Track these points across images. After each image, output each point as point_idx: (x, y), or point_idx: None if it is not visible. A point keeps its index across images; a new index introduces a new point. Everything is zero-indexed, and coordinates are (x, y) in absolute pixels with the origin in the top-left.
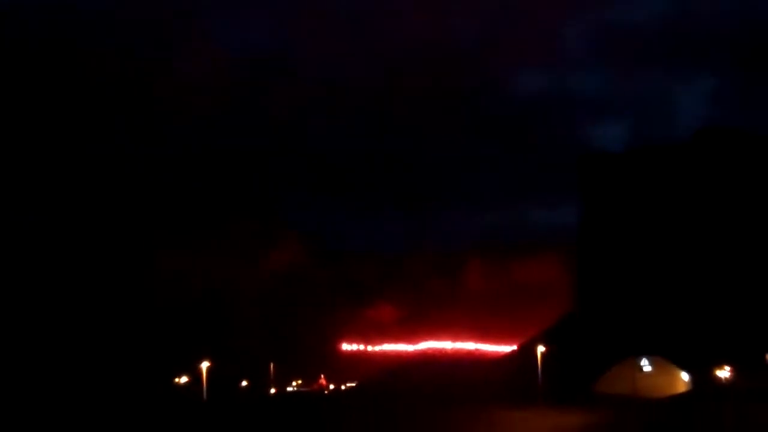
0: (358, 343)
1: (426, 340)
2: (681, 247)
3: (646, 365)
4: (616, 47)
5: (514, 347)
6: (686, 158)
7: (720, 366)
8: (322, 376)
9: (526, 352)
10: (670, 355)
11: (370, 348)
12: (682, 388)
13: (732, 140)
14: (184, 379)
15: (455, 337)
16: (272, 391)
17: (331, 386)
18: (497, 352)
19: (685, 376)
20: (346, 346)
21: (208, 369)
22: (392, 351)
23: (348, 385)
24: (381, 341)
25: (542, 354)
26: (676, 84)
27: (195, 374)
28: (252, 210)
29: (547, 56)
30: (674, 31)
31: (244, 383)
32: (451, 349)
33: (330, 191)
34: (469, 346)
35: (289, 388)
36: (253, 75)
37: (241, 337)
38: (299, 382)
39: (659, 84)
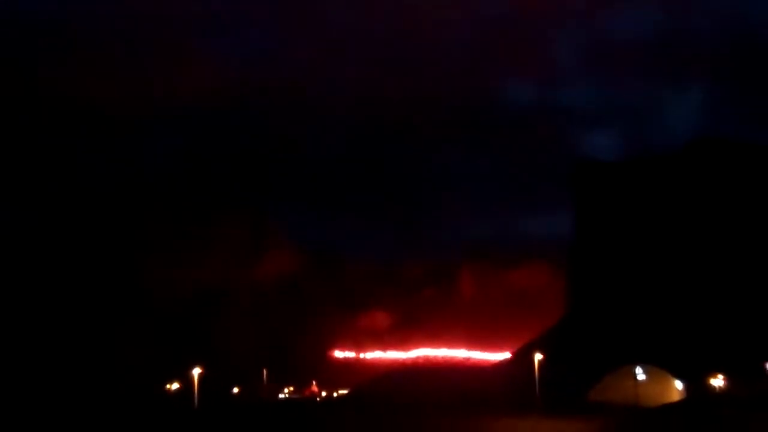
0: (351, 350)
1: (419, 347)
2: (674, 255)
3: (640, 374)
4: (607, 58)
5: (508, 355)
6: (679, 168)
7: (714, 374)
8: (314, 383)
9: (520, 359)
10: (663, 364)
11: (362, 355)
12: (676, 397)
13: (724, 150)
14: (175, 386)
15: (448, 345)
16: (261, 399)
17: (323, 393)
18: (490, 360)
19: (679, 384)
20: (338, 353)
21: (200, 376)
22: (385, 358)
23: (340, 392)
24: (374, 348)
25: (539, 363)
26: (668, 95)
27: (186, 381)
28: (245, 217)
29: (540, 67)
30: (666, 42)
31: (236, 390)
32: (445, 356)
33: (324, 199)
34: (462, 353)
35: (281, 395)
36: (248, 82)
37: (232, 343)
38: (291, 389)
39: (651, 95)
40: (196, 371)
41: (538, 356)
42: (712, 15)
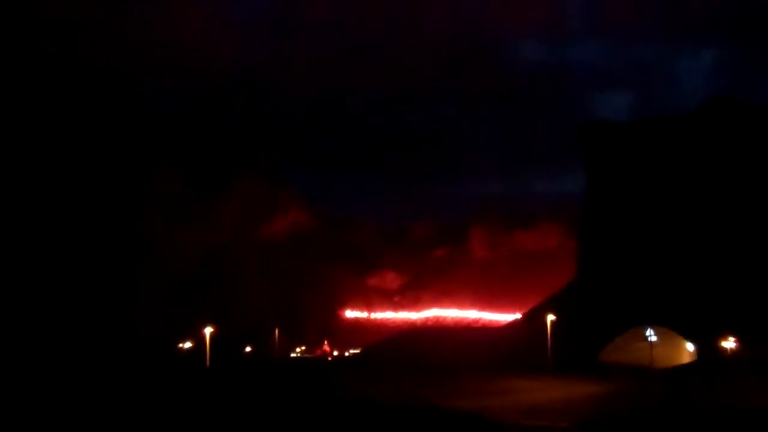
0: (361, 310)
1: (429, 307)
2: (686, 216)
3: (651, 335)
4: (618, 18)
5: (518, 315)
6: (691, 128)
7: (725, 336)
8: (326, 342)
9: (531, 320)
10: (674, 326)
11: (373, 315)
12: (687, 359)
13: (738, 111)
14: (188, 345)
15: (458, 305)
16: (273, 357)
17: (335, 353)
18: (501, 321)
19: (690, 346)
20: (349, 313)
21: (212, 335)
22: (395, 319)
23: (351, 352)
24: (384, 308)
25: (552, 323)
26: (680, 54)
27: (198, 340)
28: (257, 176)
29: (549, 26)
30: (678, 1)
31: (248, 349)
32: (455, 316)
33: (334, 159)
34: (473, 314)
35: (293, 355)
36: (259, 41)
37: (244, 302)
38: (303, 348)
39: (661, 55)
40: (208, 330)
41: (550, 317)
42: None
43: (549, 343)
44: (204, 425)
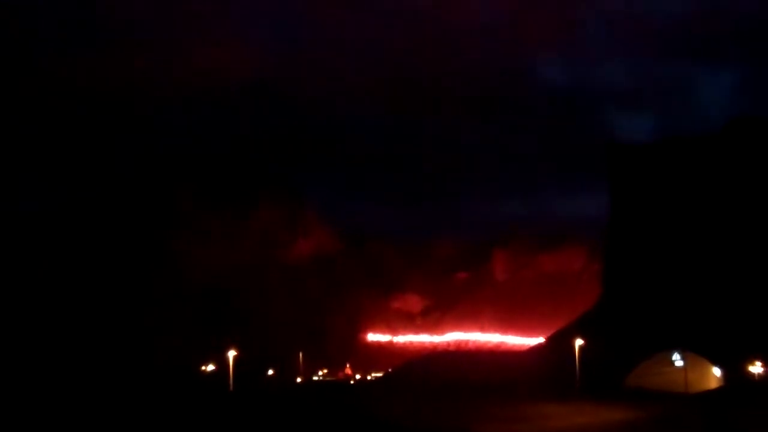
0: (384, 333)
1: (452, 330)
2: (712, 238)
3: (677, 360)
4: (641, 38)
5: (541, 339)
6: (717, 148)
7: (752, 361)
8: (348, 365)
9: (556, 344)
10: (701, 349)
11: (395, 339)
12: (714, 384)
13: (763, 130)
14: (210, 368)
15: (481, 328)
16: (298, 380)
17: (357, 376)
18: (524, 344)
19: (716, 371)
20: (371, 336)
21: (235, 358)
22: (417, 342)
23: (374, 375)
24: (406, 332)
25: (579, 347)
26: (704, 74)
27: (221, 362)
28: (280, 197)
29: (572, 47)
30: (700, 21)
31: (270, 372)
32: (478, 340)
33: (358, 179)
34: (495, 337)
35: (315, 378)
36: (273, 59)
37: (267, 325)
38: (325, 371)
39: (685, 75)
40: (231, 353)
41: (579, 341)
42: None
43: (577, 368)
44: None
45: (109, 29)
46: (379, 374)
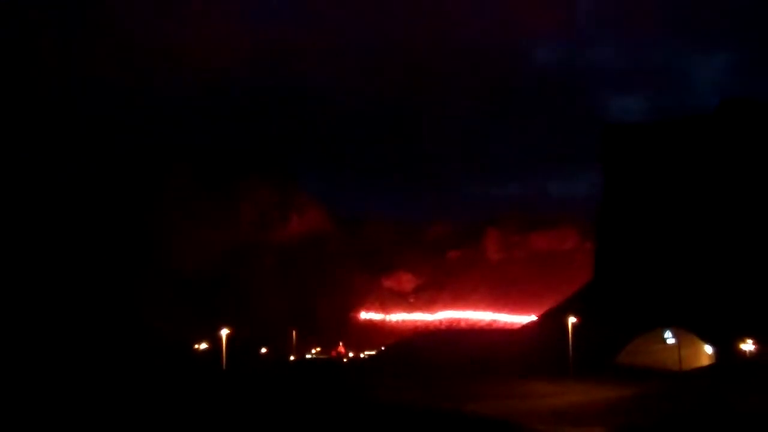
0: (377, 311)
1: (444, 309)
2: (705, 218)
3: (669, 338)
4: (634, 19)
5: (534, 317)
6: (710, 129)
7: (743, 339)
8: (341, 344)
9: (548, 322)
10: (693, 327)
11: (387, 317)
12: (706, 361)
13: (756, 111)
14: (203, 346)
15: (474, 307)
16: (291, 358)
17: (350, 354)
18: (517, 323)
19: (708, 348)
20: (364, 315)
21: (227, 336)
22: (410, 320)
23: (367, 353)
24: (398, 310)
25: (572, 325)
26: (696, 55)
27: (214, 341)
28: (271, 177)
29: (566, 27)
30: (694, 1)
31: (263, 350)
32: (470, 318)
33: (349, 159)
34: (488, 315)
35: (308, 356)
36: (274, 37)
37: (259, 304)
38: (318, 349)
39: (678, 56)
40: (224, 332)
41: (571, 319)
42: None
43: (570, 346)
44: (220, 427)
45: (101, 18)
46: (372, 352)
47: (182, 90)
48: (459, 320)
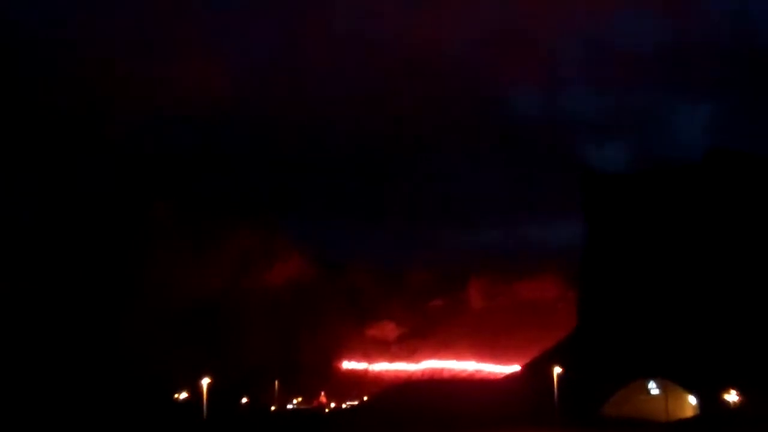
0: (359, 360)
1: (427, 358)
2: (688, 268)
3: (653, 388)
4: (616, 68)
5: (517, 367)
6: (693, 180)
7: (727, 389)
8: (323, 393)
9: (532, 372)
10: (677, 378)
11: (370, 367)
12: (690, 412)
13: (739, 162)
14: (183, 395)
15: (457, 356)
16: (272, 408)
17: (332, 404)
18: (500, 372)
19: (692, 399)
20: (346, 364)
21: (209, 386)
22: (393, 370)
23: (349, 403)
24: (382, 359)
25: (558, 375)
26: (677, 106)
27: (195, 390)
28: (254, 223)
29: (547, 77)
30: (674, 53)
31: (244, 400)
32: (453, 368)
33: (331, 207)
34: (471, 365)
35: (289, 406)
36: (251, 85)
37: (241, 352)
38: (299, 399)
39: (659, 106)
40: (206, 381)
41: (556, 369)
42: (721, 25)
43: (556, 396)
44: None
45: (85, 43)
46: (354, 402)
47: (164, 132)
48: (442, 370)
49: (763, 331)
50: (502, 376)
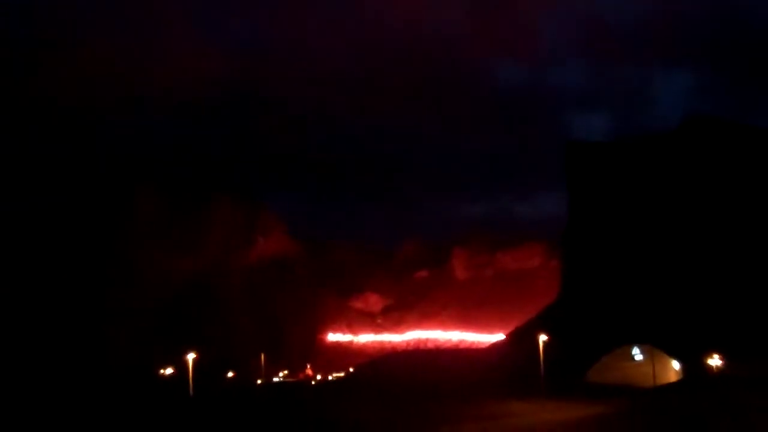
0: (345, 333)
1: (412, 329)
2: (670, 235)
3: (637, 354)
4: (598, 40)
5: (502, 336)
6: (672, 147)
7: (710, 354)
8: (309, 366)
9: (516, 341)
10: (660, 344)
11: (355, 338)
12: (673, 377)
13: (718, 129)
14: (169, 371)
15: (442, 326)
16: (259, 382)
17: (318, 376)
18: (485, 342)
19: (676, 364)
20: (332, 337)
21: (194, 361)
22: (378, 341)
23: (335, 375)
24: (367, 331)
25: (543, 343)
26: (659, 76)
27: (181, 366)
28: (238, 201)
29: (529, 49)
30: (657, 23)
31: (230, 374)
32: (438, 338)
33: (316, 182)
34: (456, 335)
35: (276, 379)
36: (240, 68)
37: (226, 328)
38: (285, 372)
39: (640, 77)
40: (191, 356)
41: (542, 337)
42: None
43: (542, 365)
44: None
45: (73, 32)
46: (340, 374)
47: (150, 115)
48: (427, 340)
49: (744, 296)
50: (487, 345)
